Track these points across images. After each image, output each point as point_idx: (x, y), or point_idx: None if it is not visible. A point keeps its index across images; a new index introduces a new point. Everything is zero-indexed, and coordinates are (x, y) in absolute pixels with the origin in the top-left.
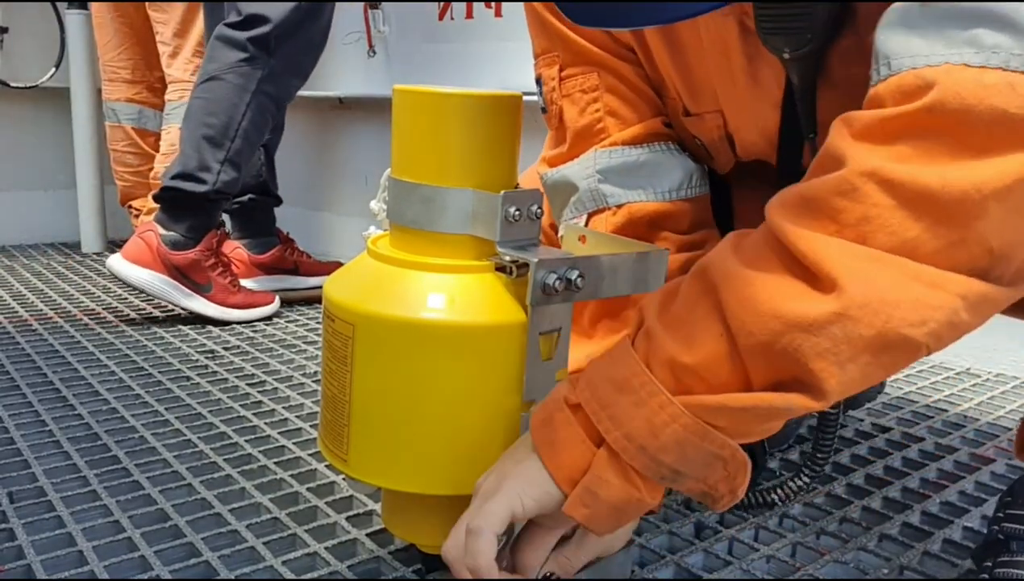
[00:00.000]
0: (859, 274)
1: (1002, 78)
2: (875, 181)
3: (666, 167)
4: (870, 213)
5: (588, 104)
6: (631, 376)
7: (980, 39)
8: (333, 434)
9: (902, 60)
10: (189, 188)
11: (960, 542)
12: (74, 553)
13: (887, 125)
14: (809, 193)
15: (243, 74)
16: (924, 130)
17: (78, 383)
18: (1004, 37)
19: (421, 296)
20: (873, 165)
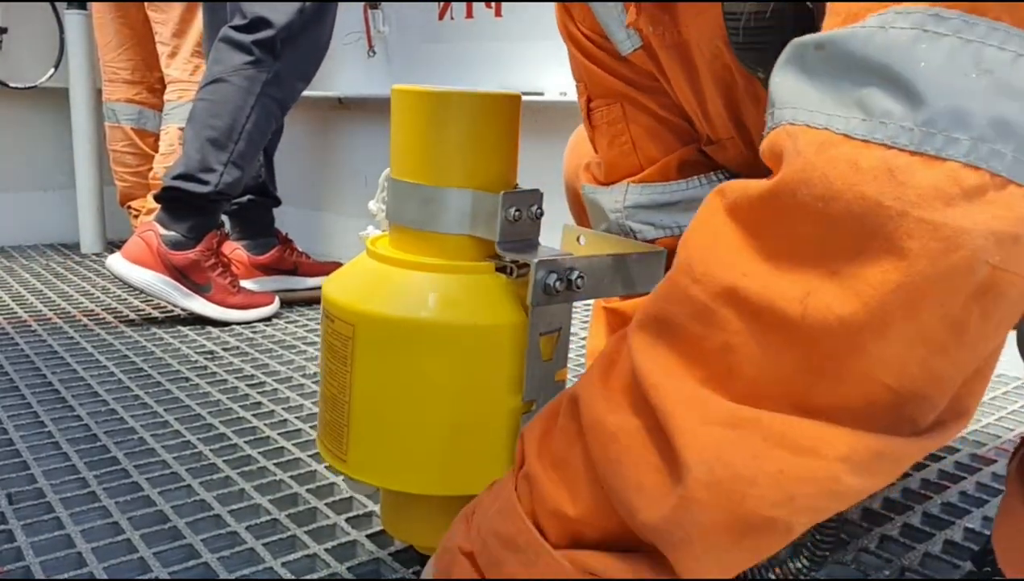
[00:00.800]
0: (710, 445)
1: (882, 160)
2: (731, 304)
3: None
4: (732, 342)
5: (615, 137)
6: (516, 533)
7: (870, 102)
8: (332, 434)
9: (783, 111)
10: (191, 188)
11: (961, 543)
12: (73, 554)
13: (753, 206)
14: (662, 314)
15: (248, 77)
16: (787, 219)
17: (77, 384)
18: (896, 104)
19: (422, 296)
20: (727, 282)
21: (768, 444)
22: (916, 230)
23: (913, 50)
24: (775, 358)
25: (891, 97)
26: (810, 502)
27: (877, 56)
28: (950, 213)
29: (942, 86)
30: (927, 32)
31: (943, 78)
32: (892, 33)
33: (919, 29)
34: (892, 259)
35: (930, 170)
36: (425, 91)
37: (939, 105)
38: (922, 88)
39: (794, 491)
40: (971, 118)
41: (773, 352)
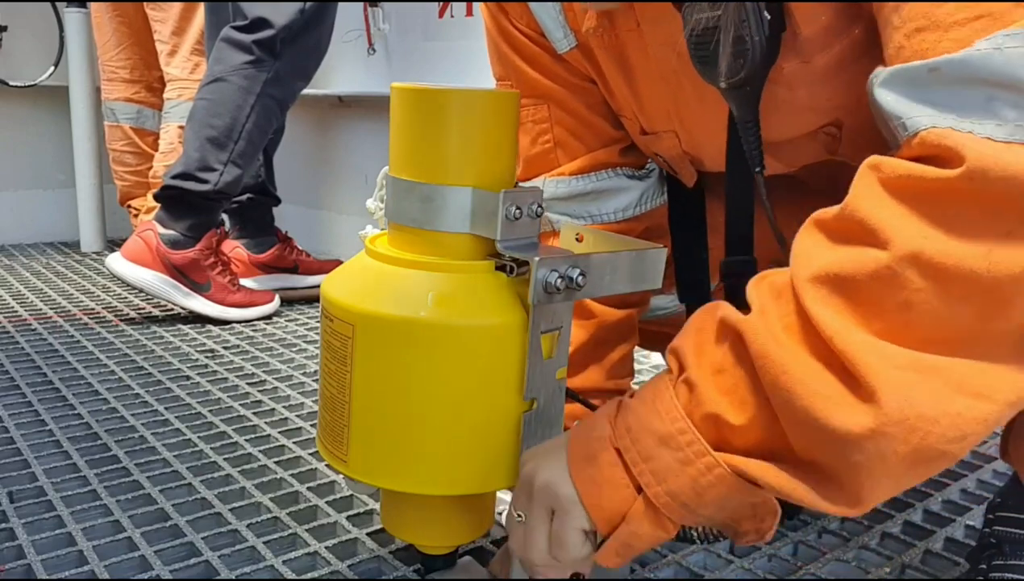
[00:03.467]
0: (898, 386)
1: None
2: (916, 266)
3: (612, 193)
4: (912, 299)
5: (539, 135)
6: (676, 433)
7: (1000, 111)
8: (332, 435)
9: (918, 119)
10: (191, 187)
11: (962, 541)
12: (74, 553)
13: (923, 186)
14: (844, 273)
15: (248, 76)
16: (963, 200)
17: (78, 383)
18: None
19: (421, 296)
20: (914, 248)
21: (949, 388)
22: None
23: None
24: (955, 310)
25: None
26: (977, 438)
27: (999, 72)
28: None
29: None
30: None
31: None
32: (1008, 52)
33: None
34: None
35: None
36: (424, 89)
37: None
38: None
39: (968, 430)
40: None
41: (954, 305)
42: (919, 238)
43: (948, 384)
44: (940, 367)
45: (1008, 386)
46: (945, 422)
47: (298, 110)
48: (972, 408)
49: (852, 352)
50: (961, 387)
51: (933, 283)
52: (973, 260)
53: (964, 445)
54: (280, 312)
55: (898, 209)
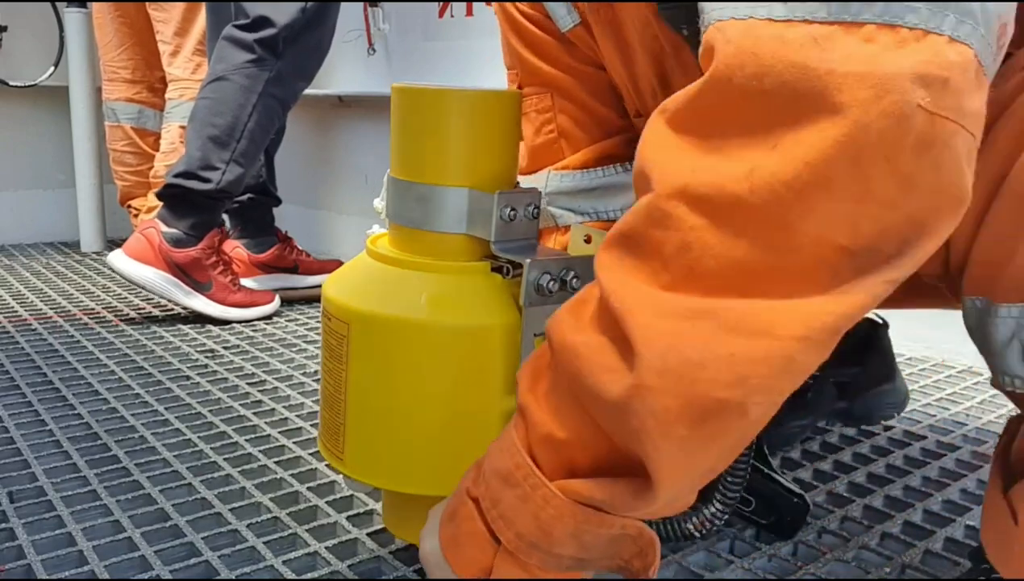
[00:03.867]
0: (659, 336)
1: (805, 32)
2: (684, 201)
3: (619, 189)
4: (688, 239)
5: (543, 125)
6: (514, 468)
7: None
8: (331, 433)
9: (710, 12)
10: (193, 186)
11: (962, 540)
12: (74, 553)
13: (694, 107)
14: (627, 228)
15: (250, 75)
16: (726, 105)
17: (78, 383)
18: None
19: (416, 296)
20: (679, 183)
21: (721, 331)
22: (844, 83)
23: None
24: (731, 244)
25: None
26: (764, 382)
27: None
28: (874, 63)
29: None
30: None
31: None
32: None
33: None
34: (826, 115)
35: (849, 34)
36: (424, 89)
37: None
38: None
39: (746, 372)
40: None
41: (728, 238)
42: (687, 172)
43: (721, 326)
44: (716, 309)
45: (796, 319)
46: (714, 366)
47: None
48: (747, 347)
49: (622, 310)
50: (736, 327)
51: (703, 218)
52: (734, 184)
53: (746, 390)
54: (280, 312)
55: (677, 144)
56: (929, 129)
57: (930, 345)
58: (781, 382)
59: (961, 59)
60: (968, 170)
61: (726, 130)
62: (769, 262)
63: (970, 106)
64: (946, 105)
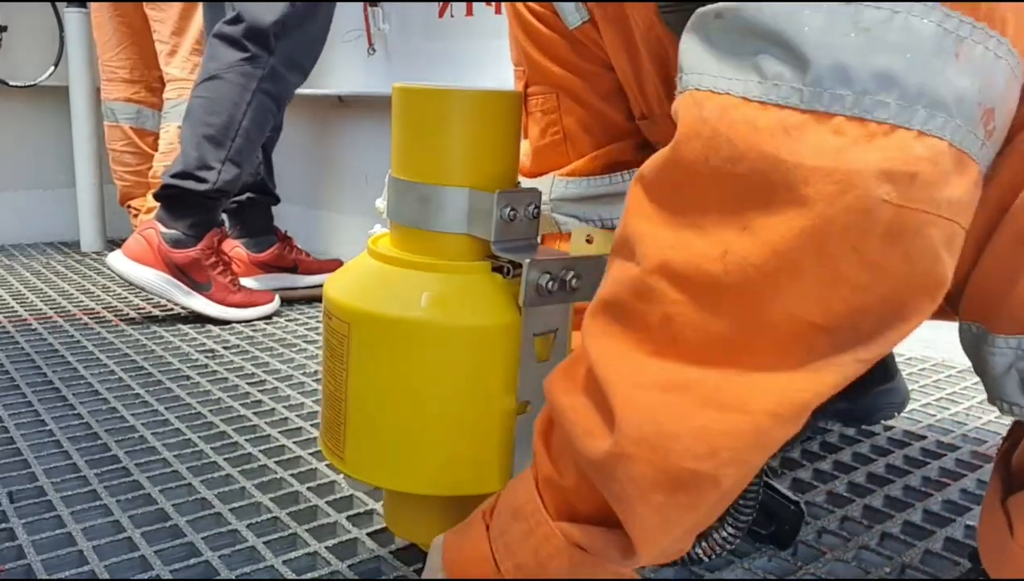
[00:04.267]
0: (638, 405)
1: (777, 120)
2: (666, 277)
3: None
4: (670, 312)
5: (548, 126)
6: (524, 503)
7: (763, 66)
8: (332, 432)
9: (690, 76)
10: (190, 186)
11: (962, 540)
12: (74, 553)
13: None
14: (613, 298)
15: (244, 73)
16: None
17: (78, 382)
18: (785, 68)
19: (416, 296)
20: (660, 258)
21: (696, 403)
22: (811, 176)
23: (798, 15)
24: (709, 319)
25: (782, 60)
26: (734, 454)
27: (768, 22)
28: (841, 158)
29: (824, 47)
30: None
31: (825, 39)
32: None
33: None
34: (794, 206)
35: (820, 125)
36: (424, 89)
37: (823, 64)
38: (807, 50)
39: (717, 444)
40: (853, 74)
41: (707, 313)
42: (667, 247)
43: (696, 398)
44: (692, 381)
45: (768, 394)
46: (688, 437)
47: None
48: (719, 421)
49: (605, 379)
50: (710, 400)
51: (683, 294)
52: (710, 264)
53: (717, 462)
54: (280, 312)
55: (656, 217)
56: (897, 221)
57: (930, 345)
58: (751, 455)
59: (930, 152)
60: (947, 255)
61: (701, 207)
62: (746, 336)
63: (947, 195)
64: (914, 197)
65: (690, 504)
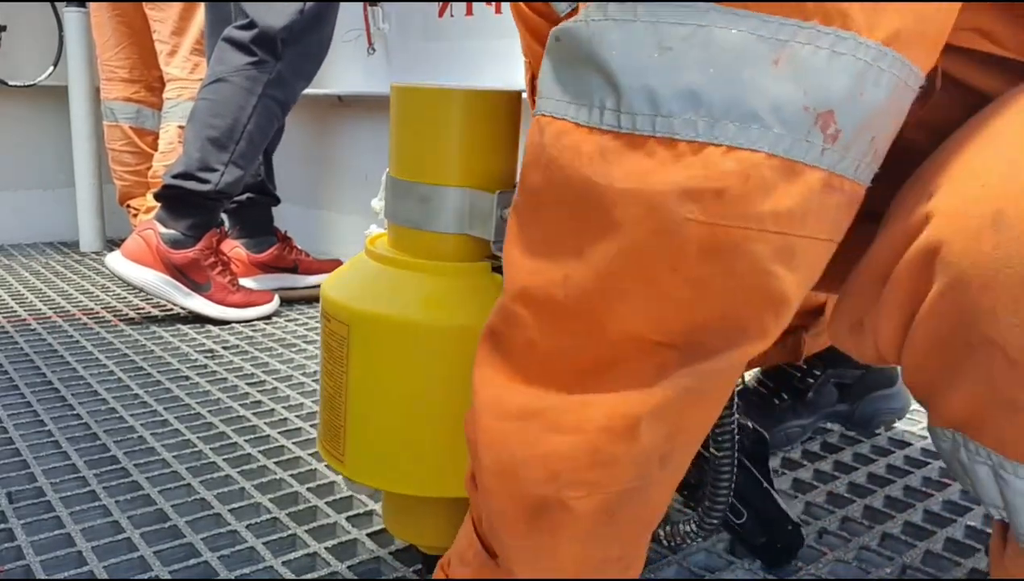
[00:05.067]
0: (498, 438)
1: (598, 145)
2: (523, 303)
3: None
4: (531, 337)
5: None
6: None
7: (591, 90)
8: (331, 435)
9: (540, 101)
10: (191, 187)
11: (962, 541)
12: (73, 553)
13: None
14: (492, 326)
15: (250, 77)
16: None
17: (77, 383)
18: (605, 91)
19: (415, 297)
20: (520, 284)
21: (544, 429)
22: (619, 200)
23: (608, 39)
24: (559, 342)
25: (601, 85)
26: (574, 475)
27: (587, 48)
28: (646, 180)
29: (631, 69)
30: (616, 20)
31: (632, 61)
32: (592, 26)
33: (610, 19)
34: (609, 230)
35: (634, 150)
36: (423, 89)
37: (632, 88)
38: (618, 74)
39: (557, 467)
40: (658, 95)
41: (557, 337)
42: (525, 274)
43: (543, 425)
44: (546, 408)
45: (601, 412)
46: (532, 464)
47: (298, 110)
48: (560, 444)
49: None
50: (555, 425)
51: (537, 318)
52: (554, 289)
53: (559, 485)
54: (280, 312)
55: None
56: (709, 238)
57: None
58: (593, 473)
59: (740, 166)
60: (782, 269)
61: (549, 233)
62: (593, 358)
63: (769, 208)
64: (724, 214)
65: (552, 530)
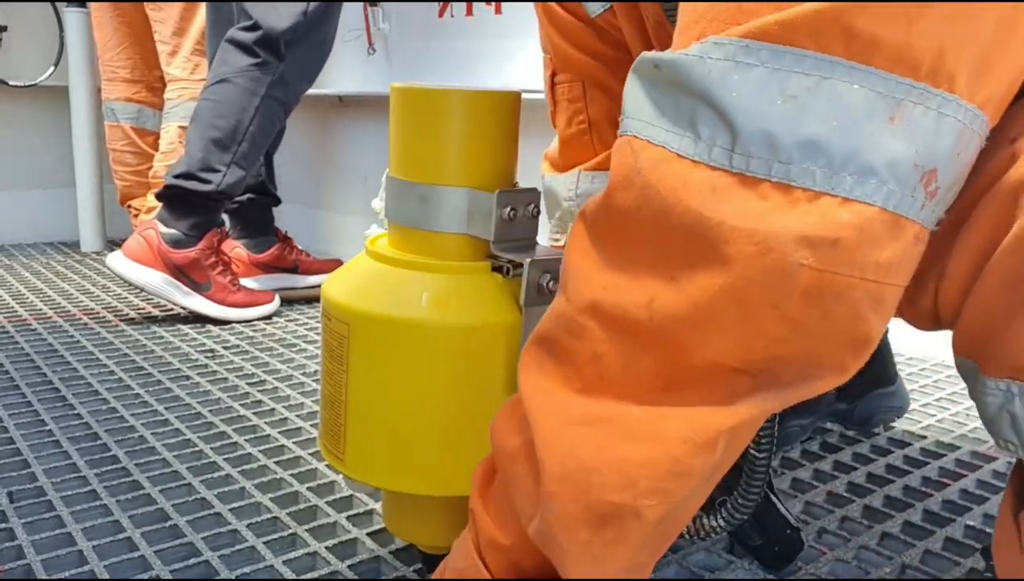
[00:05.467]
0: (561, 443)
1: (707, 179)
2: (594, 317)
3: None
4: (598, 350)
5: (574, 115)
6: (466, 568)
7: (698, 126)
8: (331, 434)
9: (630, 121)
10: (193, 187)
11: (962, 540)
12: (74, 553)
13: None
14: (546, 333)
15: (253, 78)
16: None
17: (77, 383)
18: (717, 128)
19: (416, 296)
20: (590, 298)
21: (616, 437)
22: (732, 236)
23: (727, 80)
24: (634, 359)
25: (713, 122)
26: (652, 484)
27: (699, 84)
28: (762, 221)
29: (751, 113)
30: (738, 63)
31: (753, 105)
32: (709, 63)
33: (731, 60)
34: (716, 264)
35: (746, 189)
36: (422, 89)
37: (751, 131)
38: (735, 116)
39: (634, 475)
40: (779, 142)
41: (632, 354)
42: (598, 288)
43: (616, 432)
44: (615, 416)
45: (682, 424)
46: (607, 470)
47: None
48: (636, 452)
49: (532, 417)
50: (629, 433)
51: (610, 334)
52: (636, 309)
53: (635, 493)
54: (280, 312)
55: (592, 257)
56: (817, 283)
57: (930, 345)
58: (669, 483)
59: (857, 218)
60: (873, 315)
61: (633, 253)
62: (669, 377)
63: (874, 259)
64: (836, 262)
65: (616, 539)
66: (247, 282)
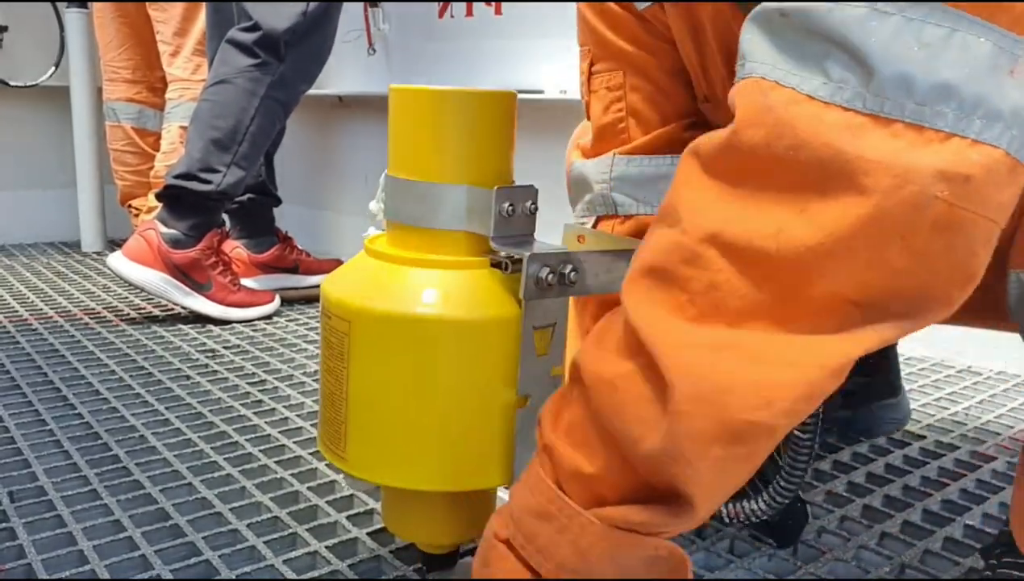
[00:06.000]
0: (690, 365)
1: (842, 118)
2: (715, 246)
3: None
4: (716, 279)
5: (612, 102)
6: (547, 503)
7: (830, 68)
8: (332, 432)
9: (755, 64)
10: (193, 187)
11: (961, 540)
12: (75, 552)
13: (729, 158)
14: (656, 262)
15: (253, 79)
16: (761, 166)
17: (78, 382)
18: (851, 73)
19: (416, 292)
20: (711, 228)
21: (746, 360)
22: (871, 168)
23: (865, 25)
24: (755, 289)
25: (847, 65)
26: (789, 405)
27: (836, 28)
28: (900, 156)
29: (890, 57)
30: (876, 11)
31: (890, 50)
32: (849, 10)
33: (870, 8)
34: (853, 194)
35: (880, 128)
36: (421, 90)
37: (889, 73)
38: (873, 59)
39: (772, 396)
40: (915, 83)
41: (753, 284)
42: (720, 220)
43: (744, 356)
44: (740, 342)
45: (815, 352)
46: (743, 391)
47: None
48: (770, 374)
49: (652, 342)
50: (759, 357)
51: (732, 264)
52: (762, 240)
53: (773, 412)
54: (280, 312)
55: (711, 189)
56: (947, 217)
57: (929, 344)
58: (803, 405)
59: (985, 159)
60: (983, 253)
61: (758, 186)
62: (786, 307)
63: (995, 198)
64: (967, 197)
65: (747, 455)
66: (247, 282)
